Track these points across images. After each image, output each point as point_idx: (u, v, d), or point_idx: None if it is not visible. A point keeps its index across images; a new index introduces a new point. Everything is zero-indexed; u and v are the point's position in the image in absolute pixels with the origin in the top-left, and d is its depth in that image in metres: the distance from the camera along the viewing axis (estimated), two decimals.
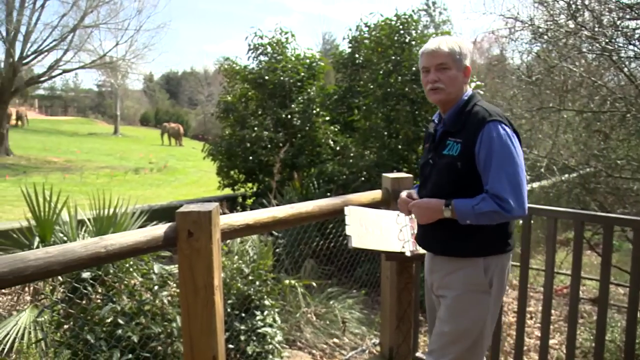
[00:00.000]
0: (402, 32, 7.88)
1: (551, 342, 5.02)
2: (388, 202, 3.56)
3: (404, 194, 2.70)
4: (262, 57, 9.65)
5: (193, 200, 10.03)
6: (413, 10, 8.19)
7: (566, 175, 6.64)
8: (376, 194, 3.57)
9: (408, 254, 2.91)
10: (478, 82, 7.31)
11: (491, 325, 2.54)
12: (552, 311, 4.08)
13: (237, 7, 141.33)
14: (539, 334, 4.32)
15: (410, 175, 3.67)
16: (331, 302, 5.32)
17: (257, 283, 3.95)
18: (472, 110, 2.42)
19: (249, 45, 9.56)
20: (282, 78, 9.20)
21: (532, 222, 3.45)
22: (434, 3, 41.17)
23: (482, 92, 7.43)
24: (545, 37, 6.16)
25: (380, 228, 3.00)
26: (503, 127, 2.34)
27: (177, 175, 20.30)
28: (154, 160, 24.45)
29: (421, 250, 2.83)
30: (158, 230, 2.25)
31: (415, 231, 2.92)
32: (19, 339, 3.96)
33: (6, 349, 3.94)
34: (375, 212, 3.14)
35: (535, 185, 6.76)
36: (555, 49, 6.10)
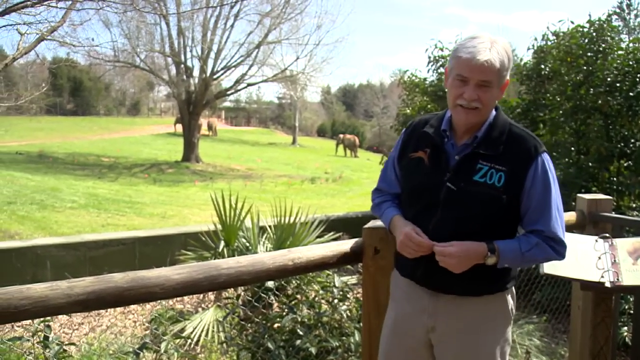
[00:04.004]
0: (595, 39, 7.31)
1: None
2: (583, 225, 3.27)
3: (407, 227, 2.06)
4: (442, 70, 9.50)
5: (367, 213, 10.11)
6: (609, 15, 7.57)
7: None
8: (569, 216, 3.24)
9: (608, 284, 2.63)
10: None
11: None
12: None
13: (412, 20, 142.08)
14: None
15: (611, 198, 3.34)
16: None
17: None
18: (514, 133, 2.06)
19: (429, 57, 9.42)
20: None
21: None
22: (628, 5, 37.07)
23: None
24: None
25: (575, 254, 2.74)
26: (549, 158, 2.10)
27: (351, 186, 20.64)
28: (330, 171, 25.08)
29: (625, 282, 2.55)
30: (344, 245, 2.23)
31: (618, 260, 2.65)
32: (204, 335, 4.21)
33: (192, 343, 4.22)
34: (570, 236, 2.88)
35: None
36: None
